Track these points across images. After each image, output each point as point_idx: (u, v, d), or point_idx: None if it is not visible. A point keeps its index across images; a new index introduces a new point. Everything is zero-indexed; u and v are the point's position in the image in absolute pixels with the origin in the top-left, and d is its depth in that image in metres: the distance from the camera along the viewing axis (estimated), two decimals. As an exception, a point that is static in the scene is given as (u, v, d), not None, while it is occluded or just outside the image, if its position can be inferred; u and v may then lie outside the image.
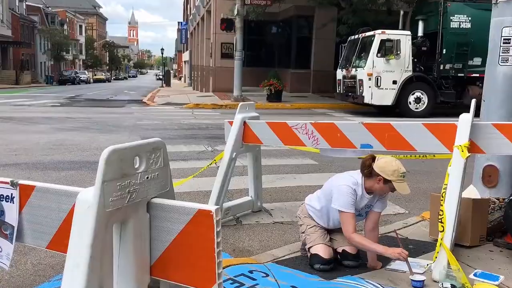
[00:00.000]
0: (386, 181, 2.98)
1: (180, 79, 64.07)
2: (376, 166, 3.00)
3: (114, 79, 74.29)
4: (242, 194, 5.00)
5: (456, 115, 3.31)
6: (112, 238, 1.27)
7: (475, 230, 3.55)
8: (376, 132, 3.54)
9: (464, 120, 3.14)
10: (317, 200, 3.32)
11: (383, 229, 4.03)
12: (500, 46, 3.82)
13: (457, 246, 3.46)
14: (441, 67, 14.68)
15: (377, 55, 14.26)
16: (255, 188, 4.56)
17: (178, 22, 54.80)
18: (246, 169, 4.98)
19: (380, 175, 2.98)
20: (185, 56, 50.38)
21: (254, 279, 2.97)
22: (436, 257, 3.00)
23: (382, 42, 14.30)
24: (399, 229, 4.01)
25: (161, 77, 53.78)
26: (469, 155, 3.05)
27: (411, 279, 2.91)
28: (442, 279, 2.86)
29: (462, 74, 14.68)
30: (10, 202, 1.63)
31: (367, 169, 3.04)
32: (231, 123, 4.20)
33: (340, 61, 16.49)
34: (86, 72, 61.04)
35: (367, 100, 14.43)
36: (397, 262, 3.26)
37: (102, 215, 1.21)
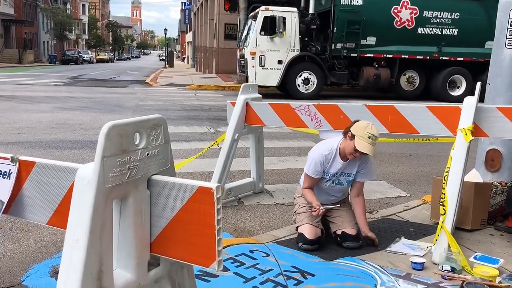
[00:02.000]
0: (353, 137, 3.05)
1: (183, 60, 63.76)
2: (353, 125, 3.11)
3: (117, 60, 73.97)
4: (244, 176, 5.01)
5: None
6: (111, 214, 1.27)
7: (476, 214, 3.55)
8: (379, 114, 3.52)
9: (469, 103, 3.11)
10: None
11: (384, 212, 4.04)
12: (508, 28, 3.77)
13: (458, 229, 3.47)
14: (333, 47, 14.13)
15: (260, 33, 13.60)
16: (257, 170, 4.56)
17: (182, 2, 54.19)
18: (248, 151, 4.97)
19: (350, 131, 3.07)
20: (188, 37, 49.99)
21: (254, 259, 2.98)
22: (436, 240, 3.01)
23: (266, 19, 13.59)
24: (400, 212, 4.02)
25: (164, 58, 53.50)
26: (472, 139, 3.03)
27: (411, 261, 2.92)
28: (442, 262, 2.87)
29: (355, 54, 14.19)
30: (7, 178, 1.62)
31: (347, 128, 3.15)
32: (233, 104, 4.18)
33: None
34: (89, 52, 60.76)
35: (251, 80, 13.68)
36: (397, 245, 3.28)
37: (102, 190, 1.20)
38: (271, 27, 13.63)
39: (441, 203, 3.00)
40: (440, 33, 14.50)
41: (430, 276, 2.80)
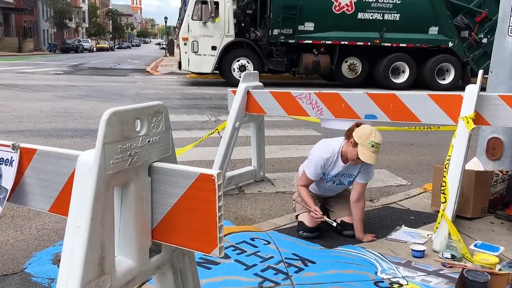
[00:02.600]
0: (356, 145, 2.99)
1: (184, 48, 63.17)
2: (355, 130, 3.04)
3: (117, 48, 73.57)
4: (245, 164, 5.01)
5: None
6: (113, 201, 1.27)
7: (477, 202, 3.55)
8: (381, 102, 3.51)
9: (470, 91, 3.10)
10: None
11: (385, 200, 4.05)
12: (511, 16, 3.73)
13: (459, 217, 3.48)
14: (270, 33, 13.69)
15: (192, 18, 13.15)
16: (258, 158, 4.56)
17: (182, -10, 53.75)
18: (249, 140, 4.97)
19: (352, 137, 3.01)
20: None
21: (255, 246, 3.00)
22: (437, 228, 3.02)
23: (198, 3, 13.16)
24: (400, 200, 4.03)
25: (164, 46, 53.18)
26: (474, 127, 3.02)
27: (412, 249, 2.94)
28: (442, 250, 2.89)
29: (293, 41, 13.73)
30: (9, 166, 1.62)
31: (349, 133, 3.09)
32: (234, 92, 4.17)
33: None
34: (89, 40, 60.39)
35: (184, 67, 13.46)
36: (398, 233, 3.29)
37: (103, 177, 1.20)
38: (203, 12, 13.18)
39: (442, 191, 3.01)
40: (381, 19, 14.03)
41: (431, 264, 2.81)
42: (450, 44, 14.30)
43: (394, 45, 14.22)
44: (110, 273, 1.26)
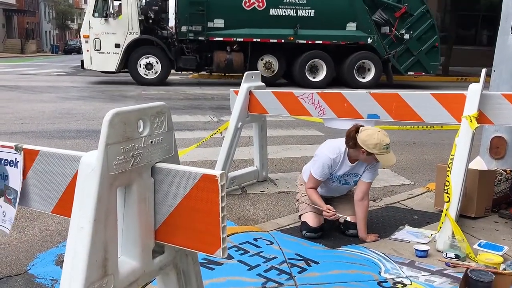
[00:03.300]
0: (370, 153, 2.97)
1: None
2: (359, 139, 2.99)
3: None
4: (247, 164, 5.01)
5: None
6: (116, 202, 1.26)
7: (481, 201, 3.54)
8: (384, 102, 3.50)
9: (473, 90, 3.09)
10: (310, 167, 3.36)
11: (388, 200, 4.04)
12: (513, 14, 3.72)
13: (462, 217, 3.47)
14: (178, 30, 13.28)
15: (93, 15, 12.67)
16: (261, 158, 4.56)
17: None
18: (251, 140, 4.97)
19: (362, 148, 2.97)
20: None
21: (258, 247, 2.99)
22: (440, 227, 3.01)
23: (97, 0, 12.67)
24: (403, 199, 4.02)
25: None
26: (477, 126, 3.01)
27: (415, 249, 2.93)
28: (446, 249, 2.87)
29: (203, 38, 13.24)
30: (14, 167, 1.62)
31: (352, 141, 3.04)
32: (236, 92, 4.17)
33: None
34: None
35: (86, 65, 13.00)
36: (401, 232, 3.28)
37: (106, 178, 1.20)
38: (105, 8, 12.75)
39: (445, 191, 3.00)
40: (295, 15, 13.51)
41: (434, 264, 2.80)
42: (369, 41, 13.81)
43: (310, 42, 13.72)
44: (113, 274, 1.26)
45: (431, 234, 3.17)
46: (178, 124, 7.37)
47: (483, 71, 3.21)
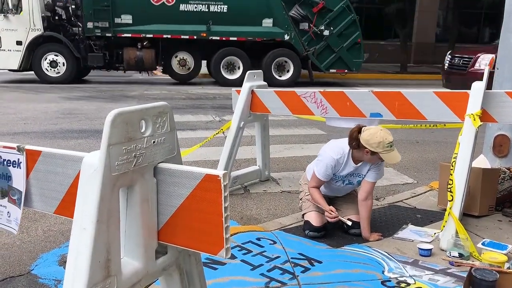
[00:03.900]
0: (374, 153, 2.96)
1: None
2: (362, 139, 2.98)
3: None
4: (250, 164, 5.00)
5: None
6: (118, 202, 1.26)
7: (484, 200, 3.53)
8: (386, 100, 3.49)
9: (477, 88, 3.08)
10: (314, 167, 3.35)
11: (391, 199, 4.03)
12: (517, 12, 3.70)
13: (466, 215, 3.46)
14: (85, 26, 12.72)
15: None
16: (263, 158, 4.55)
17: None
18: (254, 139, 4.96)
19: (366, 148, 2.96)
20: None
21: (261, 246, 2.99)
22: (444, 226, 3.00)
23: None
24: (407, 198, 4.01)
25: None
26: (481, 124, 3.00)
27: (419, 248, 2.92)
28: (449, 248, 2.86)
29: (110, 34, 12.78)
30: (17, 168, 1.62)
31: (355, 142, 3.03)
32: (238, 92, 4.16)
33: None
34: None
35: None
36: (404, 231, 3.27)
37: (108, 178, 1.19)
38: (4, 3, 12.30)
39: (449, 189, 2.99)
40: (207, 10, 13.07)
41: (438, 263, 2.79)
42: (286, 37, 13.36)
43: (224, 38, 13.30)
44: (116, 275, 1.26)
45: (435, 233, 3.16)
46: (181, 124, 7.37)
47: (486, 69, 3.20)
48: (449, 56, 11.73)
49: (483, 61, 10.42)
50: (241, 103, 4.05)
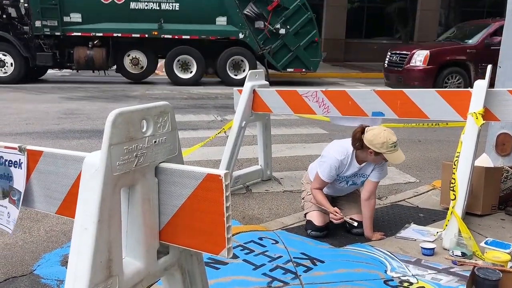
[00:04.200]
0: (377, 153, 2.95)
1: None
2: (365, 140, 2.97)
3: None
4: (251, 163, 4.99)
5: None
6: (120, 202, 1.26)
7: (487, 199, 3.52)
8: (388, 99, 3.48)
9: (479, 87, 3.07)
10: (316, 167, 3.33)
11: (394, 198, 4.02)
12: (519, 10, 3.69)
13: (468, 214, 3.45)
14: (33, 25, 12.48)
15: None
16: (265, 157, 4.55)
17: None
18: (255, 139, 4.96)
19: (369, 148, 2.95)
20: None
21: (263, 246, 2.98)
22: (446, 225, 2.99)
23: None
24: (409, 197, 4.00)
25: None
26: (483, 123, 2.99)
27: (421, 247, 2.91)
28: (452, 247, 2.85)
29: (59, 33, 12.57)
30: (18, 168, 1.62)
31: (358, 142, 3.02)
32: (240, 91, 4.16)
33: None
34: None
35: None
36: (407, 230, 3.26)
37: (110, 178, 1.19)
38: None
39: (451, 188, 2.98)
40: (158, 8, 12.85)
41: (441, 262, 2.79)
42: (241, 36, 13.07)
43: (177, 37, 13.09)
44: (118, 275, 1.26)
45: (437, 232, 3.15)
46: (182, 123, 7.37)
47: (489, 67, 3.19)
48: (389, 53, 11.58)
49: (418, 58, 10.42)
50: (243, 102, 4.05)
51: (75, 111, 8.54)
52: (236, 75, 13.53)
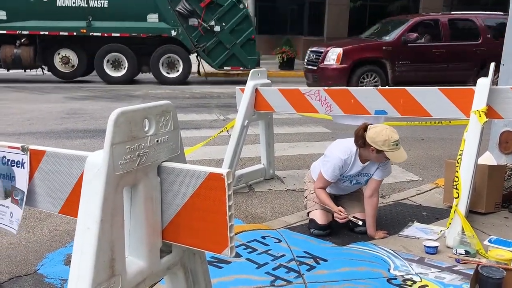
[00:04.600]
0: (379, 151, 2.94)
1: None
2: (368, 137, 2.96)
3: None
4: (254, 162, 4.99)
5: None
6: (122, 201, 1.26)
7: (490, 197, 3.50)
8: (391, 98, 3.47)
9: (482, 85, 3.06)
10: (319, 166, 3.33)
11: (397, 196, 4.01)
12: (522, 7, 3.67)
13: (472, 212, 3.44)
14: None
15: None
16: (268, 156, 4.54)
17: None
18: (258, 138, 4.95)
19: (371, 146, 2.94)
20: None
21: (266, 245, 2.98)
22: (450, 223, 2.98)
23: None
24: (412, 196, 3.99)
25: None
26: (486, 120, 2.98)
27: (425, 245, 2.90)
28: (456, 245, 2.85)
29: None
30: (21, 168, 1.62)
31: (361, 140, 3.01)
32: (242, 90, 4.16)
33: None
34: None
35: None
36: (410, 229, 3.25)
37: (112, 178, 1.19)
38: None
39: (455, 186, 2.97)
40: (86, 6, 12.54)
41: (444, 260, 2.78)
42: (173, 33, 12.82)
43: (106, 35, 12.70)
44: (121, 274, 1.26)
45: (441, 231, 3.14)
46: (185, 122, 7.37)
47: (492, 65, 3.17)
48: (308, 51, 11.04)
49: (332, 56, 9.90)
50: (245, 101, 4.05)
51: (78, 111, 8.55)
52: (168, 73, 13.32)
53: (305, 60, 11.16)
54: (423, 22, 10.68)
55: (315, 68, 10.37)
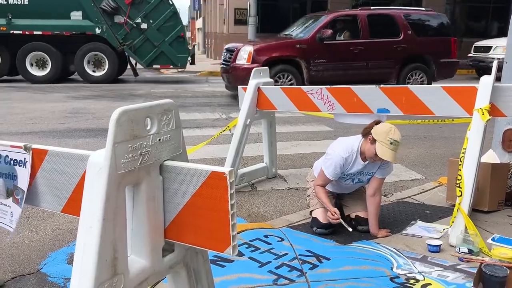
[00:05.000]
0: (374, 141, 2.95)
1: (193, 47, 63.27)
2: (374, 127, 2.99)
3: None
4: (257, 161, 4.99)
5: None
6: (124, 200, 1.26)
7: (494, 195, 3.50)
8: (394, 96, 3.46)
9: (485, 83, 3.05)
10: (321, 164, 3.32)
11: (399, 195, 4.01)
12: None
13: (475, 211, 3.43)
14: None
15: None
16: (270, 155, 4.54)
17: (190, -11, 53.74)
18: (260, 137, 4.96)
19: (371, 134, 2.96)
20: (198, 23, 49.73)
21: (269, 244, 2.98)
22: (453, 222, 2.98)
23: None
24: (415, 194, 3.98)
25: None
26: (489, 119, 2.97)
27: (428, 244, 2.90)
28: (459, 244, 2.84)
29: None
30: (23, 167, 1.62)
31: (368, 130, 3.03)
32: (245, 89, 4.15)
33: None
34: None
35: None
36: (413, 227, 3.25)
37: (114, 177, 1.19)
38: None
39: (458, 185, 2.96)
40: (5, 3, 12.36)
41: (447, 259, 2.77)
42: (98, 31, 12.67)
43: (28, 32, 12.48)
44: (123, 273, 1.26)
45: (444, 229, 3.13)
46: (187, 121, 7.37)
47: (495, 62, 3.16)
48: (224, 49, 10.49)
49: (243, 55, 9.31)
50: (248, 100, 4.04)
51: (81, 110, 8.57)
52: (94, 72, 13.17)
53: (222, 60, 10.56)
54: (341, 18, 10.17)
55: (228, 68, 9.73)
